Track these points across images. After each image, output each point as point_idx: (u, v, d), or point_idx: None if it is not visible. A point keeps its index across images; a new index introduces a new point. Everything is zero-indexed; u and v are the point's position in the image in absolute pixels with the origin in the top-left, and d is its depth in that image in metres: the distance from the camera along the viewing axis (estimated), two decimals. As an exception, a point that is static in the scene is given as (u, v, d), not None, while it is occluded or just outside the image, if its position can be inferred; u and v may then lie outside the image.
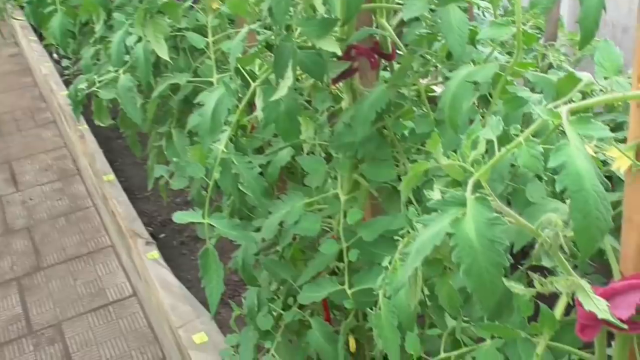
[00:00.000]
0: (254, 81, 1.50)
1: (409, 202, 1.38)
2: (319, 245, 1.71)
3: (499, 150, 0.70)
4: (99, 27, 2.87)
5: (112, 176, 3.91)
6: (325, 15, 1.24)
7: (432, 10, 1.34)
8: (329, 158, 1.67)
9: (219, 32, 2.15)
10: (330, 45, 1.20)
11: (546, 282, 0.85)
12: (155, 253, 3.13)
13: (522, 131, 0.73)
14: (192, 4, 2.26)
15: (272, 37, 1.29)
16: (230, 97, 1.43)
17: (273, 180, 1.78)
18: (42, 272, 3.68)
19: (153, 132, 2.71)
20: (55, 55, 5.97)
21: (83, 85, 2.33)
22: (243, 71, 1.45)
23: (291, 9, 1.22)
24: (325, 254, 1.40)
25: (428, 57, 1.40)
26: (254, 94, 1.50)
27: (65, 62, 4.79)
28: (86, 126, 4.54)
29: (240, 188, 1.57)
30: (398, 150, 1.41)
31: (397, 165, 1.42)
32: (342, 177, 1.46)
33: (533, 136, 0.73)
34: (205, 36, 2.15)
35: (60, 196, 4.51)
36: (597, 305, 0.77)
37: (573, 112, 0.63)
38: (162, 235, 3.70)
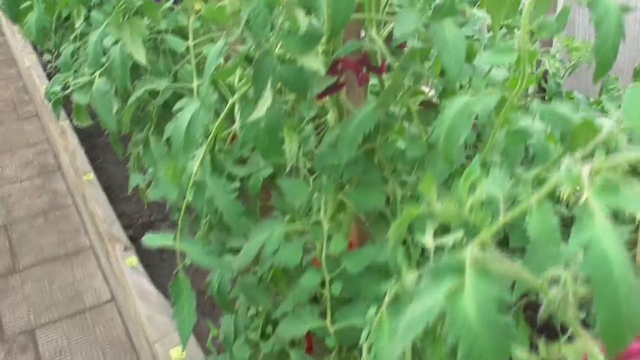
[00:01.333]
0: (232, 93, 1.39)
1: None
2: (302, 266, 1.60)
3: (506, 212, 0.59)
4: (79, 24, 2.75)
5: (92, 175, 3.79)
6: (311, 27, 1.13)
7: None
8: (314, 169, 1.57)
9: (201, 35, 2.03)
10: (314, 63, 1.09)
11: (553, 347, 0.75)
12: (133, 259, 3.02)
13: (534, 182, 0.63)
14: (173, 4, 2.15)
15: (252, 50, 1.18)
16: (206, 112, 1.32)
17: (255, 192, 1.67)
18: (18, 275, 3.55)
19: (133, 135, 2.60)
20: (39, 47, 5.84)
21: (57, 88, 2.21)
22: (222, 83, 1.34)
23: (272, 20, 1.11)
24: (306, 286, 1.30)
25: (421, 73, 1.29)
26: (232, 107, 1.38)
27: (47, 56, 4.66)
28: (67, 122, 4.41)
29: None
30: (387, 173, 1.30)
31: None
32: (326, 200, 1.35)
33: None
34: (187, 38, 2.04)
35: (40, 193, 4.39)
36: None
37: (596, 173, 0.52)
38: (142, 239, 3.57)
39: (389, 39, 1.40)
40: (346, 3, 0.99)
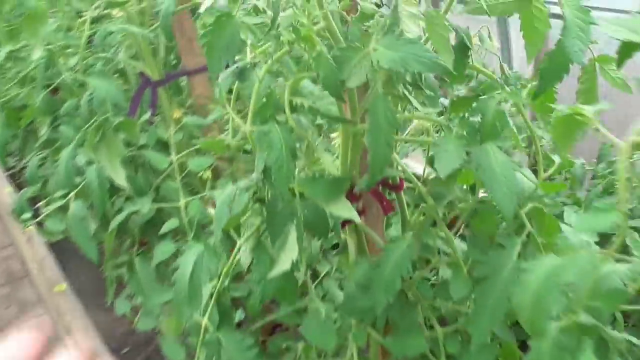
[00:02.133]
0: (238, 230, 1.23)
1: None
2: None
3: None
4: (44, 132, 2.59)
5: (64, 285, 3.56)
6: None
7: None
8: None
9: (184, 147, 1.87)
10: (344, 210, 0.93)
11: None
12: (119, 378, 2.80)
13: None
14: (151, 114, 1.98)
15: (265, 191, 1.02)
16: (211, 257, 1.15)
17: (255, 313, 1.51)
18: (-8, 399, 3.29)
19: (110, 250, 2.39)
20: None
21: (28, 215, 2.04)
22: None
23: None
24: None
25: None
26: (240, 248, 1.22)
27: (9, 160, 4.46)
28: (34, 226, 4.18)
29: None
30: (427, 313, 1.14)
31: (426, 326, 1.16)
32: (356, 346, 1.18)
33: None
34: (168, 149, 1.88)
35: (8, 303, 4.12)
36: None
37: None
38: (125, 350, 3.34)
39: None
40: (385, 145, 0.84)
